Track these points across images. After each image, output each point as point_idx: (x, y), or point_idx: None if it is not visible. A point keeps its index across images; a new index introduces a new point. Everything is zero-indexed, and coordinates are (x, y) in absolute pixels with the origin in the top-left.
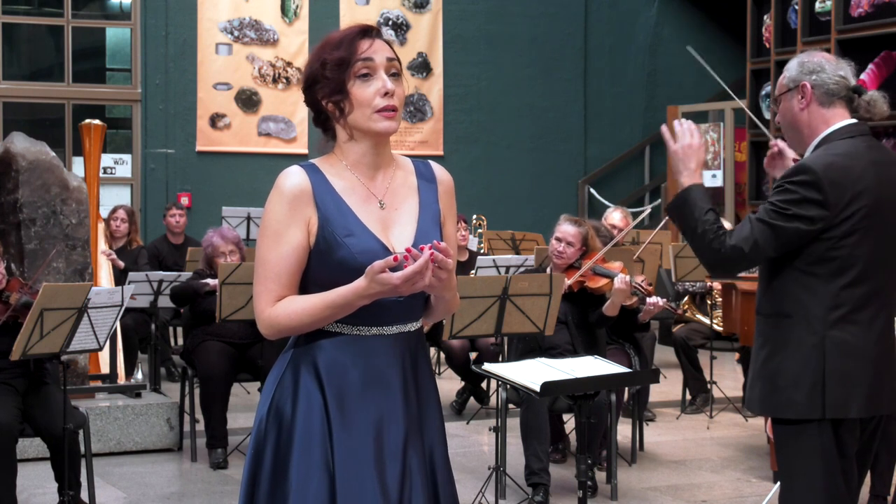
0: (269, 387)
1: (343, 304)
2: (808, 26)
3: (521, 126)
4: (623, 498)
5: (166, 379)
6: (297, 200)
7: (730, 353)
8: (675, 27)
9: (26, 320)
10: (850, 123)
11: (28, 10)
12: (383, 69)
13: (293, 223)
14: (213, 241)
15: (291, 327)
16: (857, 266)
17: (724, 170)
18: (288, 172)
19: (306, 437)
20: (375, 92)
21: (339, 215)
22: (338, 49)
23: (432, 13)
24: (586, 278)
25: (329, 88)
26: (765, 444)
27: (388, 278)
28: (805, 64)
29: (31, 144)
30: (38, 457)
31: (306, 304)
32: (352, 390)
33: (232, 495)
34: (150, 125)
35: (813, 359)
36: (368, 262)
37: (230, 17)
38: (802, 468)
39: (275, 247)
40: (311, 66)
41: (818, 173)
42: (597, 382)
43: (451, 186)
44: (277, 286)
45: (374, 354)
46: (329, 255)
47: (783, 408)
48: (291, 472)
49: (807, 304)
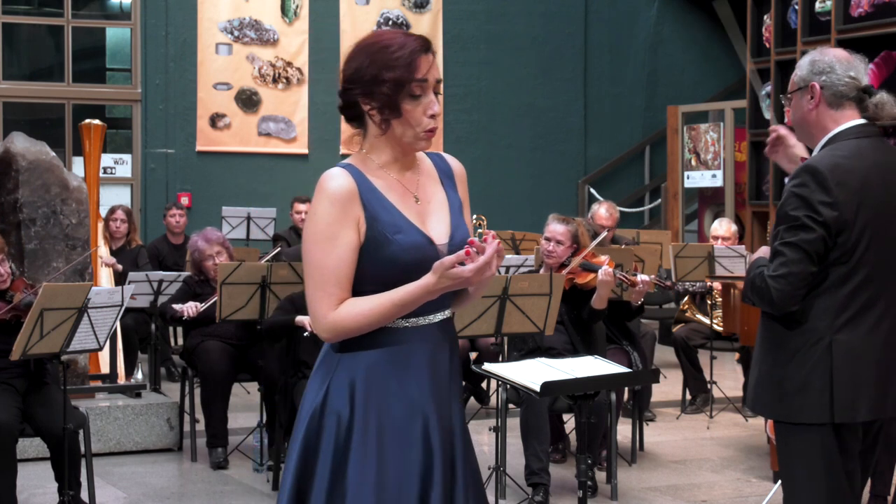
0: (318, 384)
1: (411, 301)
2: (808, 26)
3: (521, 126)
4: (623, 498)
5: (166, 379)
6: (346, 201)
7: (730, 353)
8: (675, 27)
9: (26, 320)
10: (859, 124)
11: (28, 10)
12: (432, 89)
13: (345, 224)
14: (199, 246)
15: (358, 328)
16: (863, 269)
17: (724, 170)
18: (331, 175)
19: (363, 437)
20: (423, 111)
21: (385, 213)
22: (397, 67)
23: (432, 13)
24: (575, 275)
25: (381, 103)
26: (765, 444)
27: (461, 272)
28: (816, 63)
29: (31, 144)
30: (38, 457)
31: (373, 304)
32: (401, 384)
33: (232, 495)
34: (150, 125)
35: (821, 363)
36: (417, 258)
37: (230, 17)
38: (805, 470)
39: (331, 250)
40: (361, 73)
41: (824, 174)
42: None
43: (464, 175)
44: (338, 289)
45: (422, 343)
46: (378, 253)
47: (794, 412)
48: (349, 472)
49: (814, 307)
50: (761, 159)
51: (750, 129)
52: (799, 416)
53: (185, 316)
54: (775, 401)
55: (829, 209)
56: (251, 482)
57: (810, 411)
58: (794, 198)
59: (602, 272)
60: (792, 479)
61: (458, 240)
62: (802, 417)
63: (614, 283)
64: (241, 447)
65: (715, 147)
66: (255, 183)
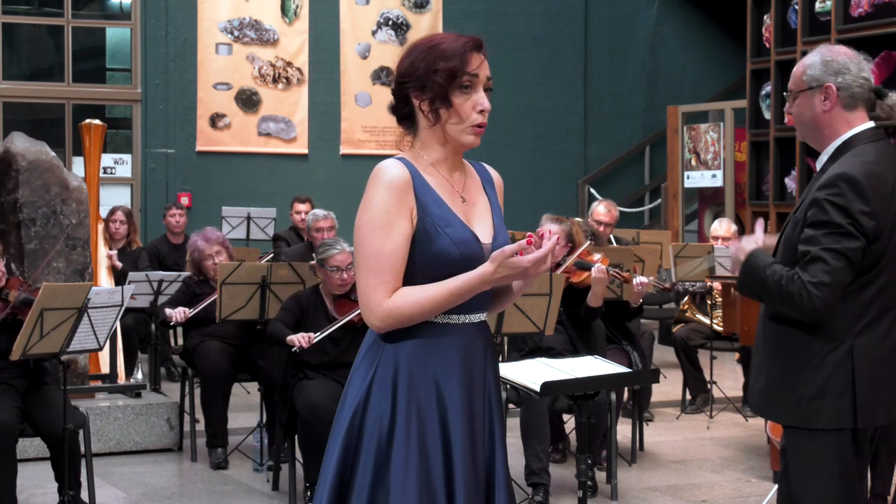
0: (361, 381)
1: (467, 290)
2: (808, 26)
3: (521, 126)
4: (623, 498)
5: (166, 379)
6: (401, 191)
7: (730, 353)
8: (675, 27)
9: (26, 320)
10: (872, 128)
11: (28, 10)
12: (483, 85)
13: (401, 213)
14: (198, 246)
15: (412, 316)
16: (885, 274)
17: (724, 170)
18: (387, 165)
19: (406, 435)
20: (472, 107)
21: (436, 207)
22: (451, 60)
23: (432, 13)
24: (570, 274)
25: (433, 94)
26: (765, 444)
27: (519, 262)
28: (830, 63)
29: (31, 144)
30: (38, 457)
31: (429, 292)
32: (441, 381)
33: (232, 495)
34: (150, 125)
35: (841, 367)
36: (465, 253)
37: (230, 17)
38: (820, 474)
39: (388, 237)
40: (416, 66)
41: (862, 182)
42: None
43: (502, 186)
44: (393, 277)
45: (461, 341)
46: (428, 246)
47: (811, 418)
48: (392, 469)
49: (834, 313)
50: (761, 159)
51: (750, 129)
52: (816, 422)
53: (172, 321)
54: (789, 406)
55: (868, 218)
56: (251, 482)
57: (830, 416)
58: (831, 206)
59: (595, 269)
60: (805, 484)
61: (500, 242)
62: (821, 423)
63: (608, 279)
64: (241, 447)
65: (715, 147)
66: (255, 183)
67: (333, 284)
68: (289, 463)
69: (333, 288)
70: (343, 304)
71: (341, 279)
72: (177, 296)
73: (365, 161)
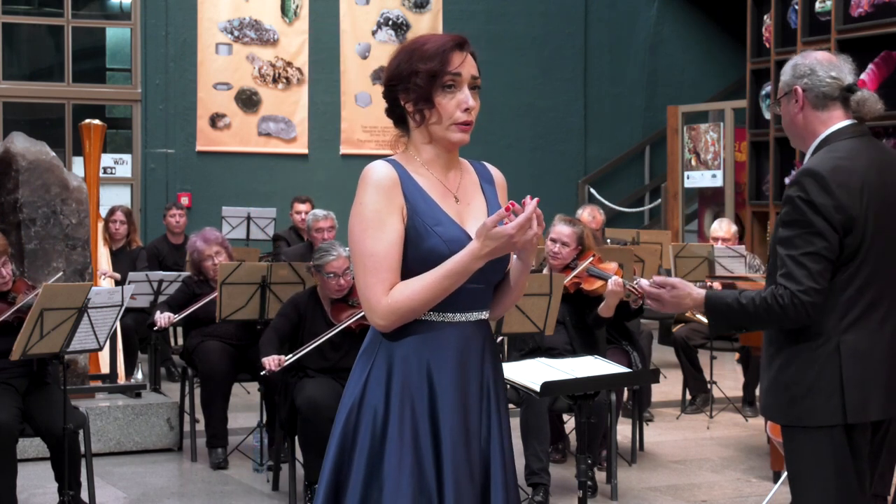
0: (357, 379)
1: (461, 269)
2: (808, 26)
3: (521, 126)
4: (623, 498)
5: (166, 379)
6: (389, 189)
7: (730, 353)
8: (675, 27)
9: (26, 320)
10: (850, 124)
11: (28, 10)
12: (467, 84)
13: (391, 211)
14: (198, 246)
15: (413, 308)
16: (866, 268)
17: (724, 170)
18: (374, 166)
19: (399, 428)
20: (457, 105)
21: (425, 205)
22: (431, 60)
23: (432, 13)
24: (581, 279)
25: (416, 95)
26: (765, 444)
27: (503, 230)
28: (797, 67)
29: (31, 144)
30: (38, 457)
31: (424, 281)
32: (435, 376)
33: (232, 495)
34: (150, 125)
35: (829, 364)
36: (457, 251)
37: (230, 17)
38: (816, 472)
39: (381, 236)
40: (400, 69)
41: (825, 177)
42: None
43: (504, 184)
44: (390, 274)
45: (458, 338)
46: (418, 245)
47: (804, 416)
48: (386, 463)
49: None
50: (761, 159)
51: (750, 129)
52: (810, 420)
53: (157, 327)
54: (784, 405)
55: (835, 212)
56: (251, 482)
57: (821, 413)
58: (799, 202)
59: (612, 282)
60: (802, 482)
61: None
62: (813, 420)
63: (623, 293)
64: (241, 447)
65: (715, 147)
66: (255, 183)
67: (330, 290)
68: (289, 463)
69: (331, 293)
70: (340, 309)
71: (338, 285)
72: (176, 296)
73: (365, 161)
